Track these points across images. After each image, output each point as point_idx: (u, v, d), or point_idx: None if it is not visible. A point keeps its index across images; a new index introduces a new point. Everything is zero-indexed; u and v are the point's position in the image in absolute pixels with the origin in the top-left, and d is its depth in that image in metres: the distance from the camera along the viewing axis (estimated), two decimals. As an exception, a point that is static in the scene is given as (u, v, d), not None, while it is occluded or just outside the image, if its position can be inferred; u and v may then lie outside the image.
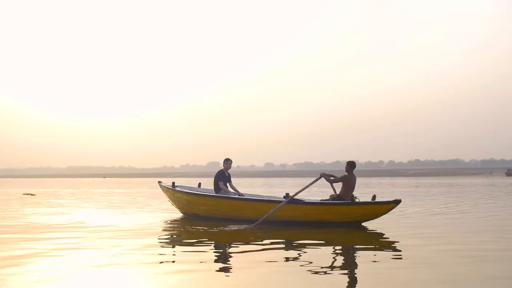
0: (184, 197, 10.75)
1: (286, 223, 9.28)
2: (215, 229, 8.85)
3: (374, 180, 54.01)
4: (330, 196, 9.95)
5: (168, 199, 11.69)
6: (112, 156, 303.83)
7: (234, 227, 9.06)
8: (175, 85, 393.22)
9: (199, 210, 10.46)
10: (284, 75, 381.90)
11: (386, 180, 57.72)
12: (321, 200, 9.98)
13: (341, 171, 10.44)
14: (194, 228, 9.11)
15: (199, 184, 12.13)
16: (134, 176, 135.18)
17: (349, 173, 9.82)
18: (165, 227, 9.52)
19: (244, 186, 31.98)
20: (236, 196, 10.36)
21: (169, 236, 8.39)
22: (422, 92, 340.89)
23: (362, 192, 21.56)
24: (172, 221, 10.35)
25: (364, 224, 9.40)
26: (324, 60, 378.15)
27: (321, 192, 17.07)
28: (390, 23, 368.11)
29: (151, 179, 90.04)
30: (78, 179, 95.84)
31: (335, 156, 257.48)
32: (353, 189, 9.76)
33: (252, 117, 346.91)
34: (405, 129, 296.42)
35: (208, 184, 13.62)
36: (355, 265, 5.87)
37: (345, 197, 9.57)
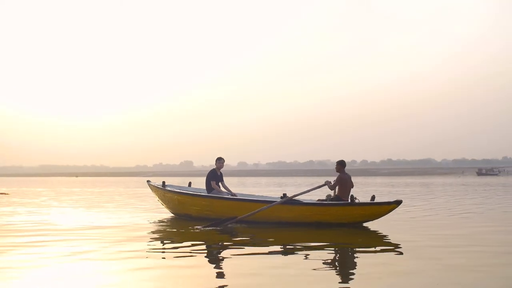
0: (175, 197, 10.34)
1: (284, 224, 9.00)
2: (194, 229, 8.59)
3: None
4: (326, 196, 9.70)
5: (158, 199, 11.25)
6: (84, 155, 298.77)
7: (208, 228, 8.68)
8: (147, 85, 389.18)
9: (191, 210, 10.06)
10: (258, 74, 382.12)
11: (359, 179, 57.95)
12: (318, 200, 9.71)
13: (314, 171, 10.24)
14: (182, 228, 8.84)
15: (190, 184, 11.78)
16: (107, 175, 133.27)
17: (342, 173, 9.58)
18: (150, 227, 9.14)
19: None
20: (230, 196, 10.02)
21: (155, 236, 8.07)
22: (395, 93, 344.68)
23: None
24: (158, 221, 9.97)
25: (362, 224, 9.18)
26: (300, 60, 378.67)
27: (320, 191, 16.88)
28: (369, 23, 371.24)
29: (124, 178, 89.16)
30: (51, 178, 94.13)
31: (308, 155, 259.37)
32: (350, 188, 9.51)
33: (226, 116, 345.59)
34: (377, 129, 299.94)
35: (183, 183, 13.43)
36: (355, 265, 5.78)
37: (343, 197, 9.32)
